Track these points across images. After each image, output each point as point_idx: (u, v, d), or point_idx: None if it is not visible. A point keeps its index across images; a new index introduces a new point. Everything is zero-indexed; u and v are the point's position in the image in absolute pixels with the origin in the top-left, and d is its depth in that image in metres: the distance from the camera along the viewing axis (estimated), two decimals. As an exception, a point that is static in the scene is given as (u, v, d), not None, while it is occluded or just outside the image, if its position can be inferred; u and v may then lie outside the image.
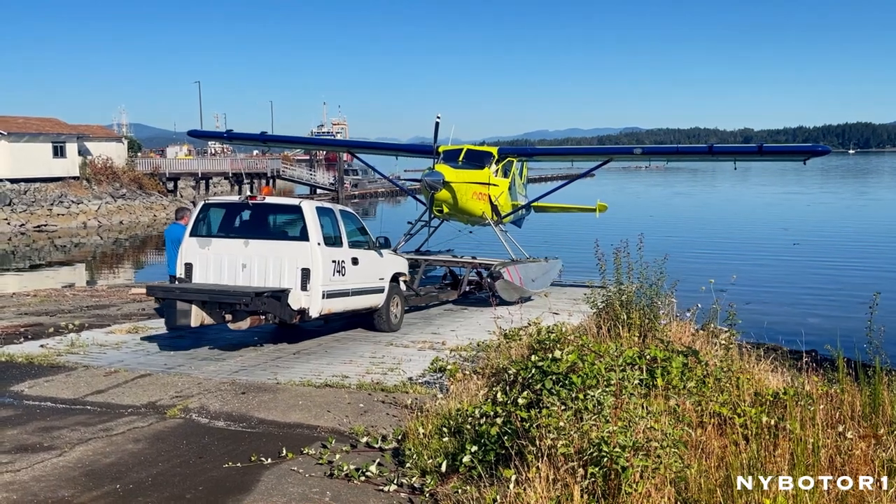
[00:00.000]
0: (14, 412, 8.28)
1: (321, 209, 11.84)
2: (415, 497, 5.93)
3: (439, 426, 6.82)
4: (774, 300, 20.34)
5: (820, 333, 13.56)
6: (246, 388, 9.27)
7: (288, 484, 6.21)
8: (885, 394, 6.73)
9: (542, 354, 6.82)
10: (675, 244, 17.49)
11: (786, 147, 20.17)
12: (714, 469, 5.21)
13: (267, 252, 11.22)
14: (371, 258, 12.64)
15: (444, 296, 17.10)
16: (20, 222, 46.82)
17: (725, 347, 8.97)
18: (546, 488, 4.81)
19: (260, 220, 12.00)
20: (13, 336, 12.63)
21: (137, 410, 8.36)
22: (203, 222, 11.92)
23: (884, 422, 6.41)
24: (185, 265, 11.61)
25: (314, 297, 10.97)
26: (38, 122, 56.63)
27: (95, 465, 6.62)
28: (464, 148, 18.37)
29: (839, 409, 6.83)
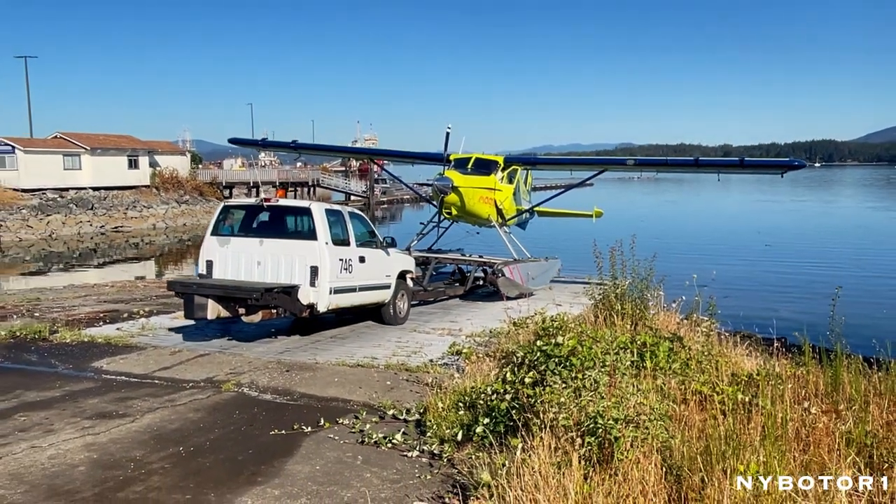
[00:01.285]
0: (95, 384, 8.38)
1: (330, 211, 11.29)
2: (434, 462, 5.93)
3: (456, 401, 6.81)
4: (749, 294, 20.14)
5: (789, 323, 13.42)
6: (289, 366, 9.31)
7: (325, 449, 6.23)
8: (844, 375, 6.70)
9: (546, 340, 6.79)
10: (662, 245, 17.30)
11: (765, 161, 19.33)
12: (695, 439, 5.17)
13: (279, 250, 10.70)
14: (378, 257, 12.07)
15: (450, 291, 16.57)
16: (100, 224, 47.35)
17: (706, 334, 8.91)
18: (548, 455, 4.79)
19: (273, 220, 11.35)
20: (94, 320, 12.78)
21: (197, 384, 8.42)
22: (223, 223, 11.43)
23: (843, 398, 6.38)
24: (206, 262, 11.14)
25: (322, 292, 10.43)
26: (115, 138, 57.24)
27: (162, 431, 6.68)
28: (473, 156, 17.90)
29: (805, 388, 6.79)
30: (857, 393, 6.36)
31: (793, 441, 5.28)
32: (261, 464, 5.85)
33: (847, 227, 45.41)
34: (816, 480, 4.44)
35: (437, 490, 5.35)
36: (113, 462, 5.84)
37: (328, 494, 5.25)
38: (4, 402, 7.57)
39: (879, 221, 51.55)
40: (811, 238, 38.37)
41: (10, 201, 45.88)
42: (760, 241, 36.15)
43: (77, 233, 45.09)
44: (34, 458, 5.90)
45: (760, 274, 25.53)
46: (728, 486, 4.24)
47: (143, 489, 5.31)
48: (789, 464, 4.75)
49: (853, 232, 42.23)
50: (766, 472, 4.41)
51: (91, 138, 54.21)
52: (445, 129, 17.17)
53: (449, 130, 17.10)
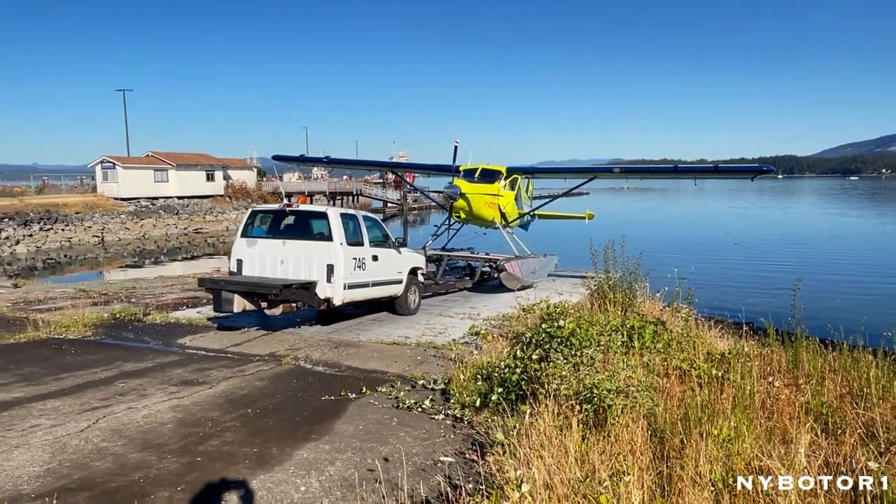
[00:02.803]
0: (179, 357, 8.49)
1: (345, 215, 10.71)
2: (457, 424, 5.92)
3: (474, 374, 6.80)
4: (721, 286, 19.80)
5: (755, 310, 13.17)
6: (337, 343, 9.35)
7: (367, 412, 6.26)
8: (803, 354, 6.58)
9: (550, 323, 6.74)
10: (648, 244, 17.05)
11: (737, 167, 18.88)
12: (676, 407, 5.10)
13: (300, 250, 10.16)
14: (390, 255, 11.41)
15: (460, 284, 16.03)
16: (184, 227, 48.01)
17: (685, 319, 8.79)
18: (552, 419, 4.76)
19: (295, 224, 10.75)
20: (179, 305, 12.95)
21: (262, 358, 8.48)
22: (251, 226, 10.88)
23: (802, 374, 6.26)
24: (236, 261, 10.62)
25: (337, 288, 9.88)
26: (196, 156, 57.97)
27: (234, 395, 6.75)
28: (479, 167, 17.33)
29: (769, 365, 6.68)
30: (815, 369, 6.24)
31: (759, 410, 5.20)
32: (314, 423, 5.89)
33: (805, 228, 44.52)
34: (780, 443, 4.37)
35: (460, 447, 5.34)
36: (194, 421, 5.92)
37: (369, 450, 5.26)
38: (107, 371, 7.71)
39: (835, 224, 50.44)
40: (774, 239, 37.64)
41: (112, 208, 46.74)
42: (729, 241, 35.58)
43: (165, 234, 45.75)
44: (131, 417, 6.00)
45: (731, 269, 25.09)
46: (703, 446, 4.18)
47: (218, 443, 5.37)
48: (756, 428, 4.68)
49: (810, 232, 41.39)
50: (737, 435, 4.34)
51: (176, 156, 54.97)
52: (454, 144, 16.75)
53: (457, 145, 16.61)
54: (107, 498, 4.35)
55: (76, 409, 6.22)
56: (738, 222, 51.84)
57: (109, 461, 4.97)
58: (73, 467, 4.84)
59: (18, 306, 12.61)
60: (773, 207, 75.58)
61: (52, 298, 13.92)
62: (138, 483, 4.59)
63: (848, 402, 5.36)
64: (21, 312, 11.73)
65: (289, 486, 4.57)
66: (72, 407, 6.27)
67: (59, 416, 5.98)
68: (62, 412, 6.11)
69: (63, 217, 41.82)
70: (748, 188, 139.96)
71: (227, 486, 4.54)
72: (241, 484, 4.58)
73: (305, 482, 4.63)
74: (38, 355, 8.46)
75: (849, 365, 6.23)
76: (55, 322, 10.35)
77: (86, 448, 5.22)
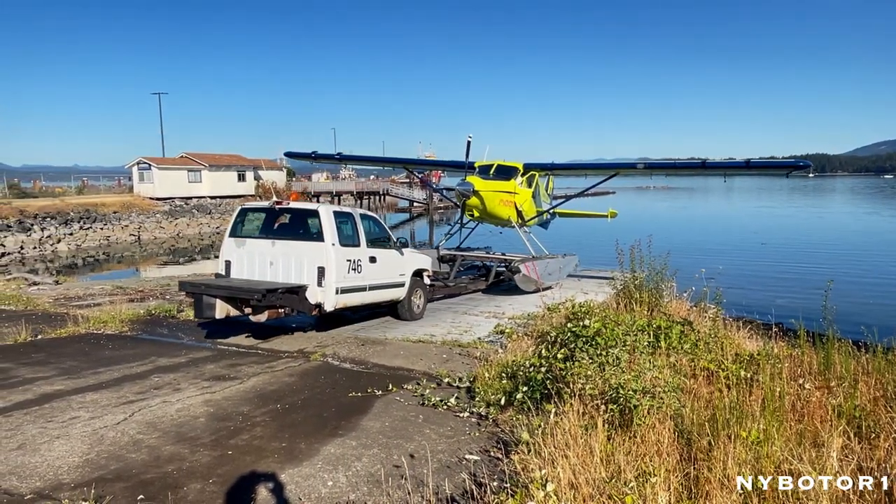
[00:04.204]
0: (212, 353, 8.63)
1: (339, 213, 9.81)
2: (482, 422, 5.89)
3: (499, 372, 6.77)
4: (750, 286, 19.39)
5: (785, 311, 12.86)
6: (364, 341, 9.40)
7: (393, 408, 6.27)
8: (835, 356, 6.37)
9: (575, 322, 6.69)
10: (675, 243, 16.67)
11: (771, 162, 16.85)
12: (703, 409, 5.00)
13: (290, 251, 9.37)
14: (391, 256, 10.56)
15: (472, 286, 15.35)
16: (216, 225, 48.80)
17: (713, 319, 8.62)
18: (577, 418, 4.71)
19: (284, 223, 9.98)
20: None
21: (291, 354, 8.57)
22: (240, 224, 10.06)
23: (834, 376, 6.07)
24: (224, 262, 9.85)
25: (328, 292, 9.10)
26: (227, 157, 58.98)
27: (264, 391, 6.83)
28: (495, 163, 16.45)
29: (800, 367, 6.50)
30: (847, 372, 6.05)
31: (789, 412, 5.06)
32: (341, 419, 5.93)
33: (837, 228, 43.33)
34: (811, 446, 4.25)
35: (484, 445, 5.32)
36: (225, 415, 6.00)
37: (395, 446, 5.28)
38: (143, 365, 7.88)
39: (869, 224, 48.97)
40: (805, 238, 36.73)
41: (148, 208, 47.84)
42: (756, 240, 34.87)
43: (198, 232, 46.62)
44: (165, 411, 6.12)
45: (760, 269, 24.57)
46: (732, 448, 4.09)
47: (248, 437, 5.44)
48: (786, 431, 4.56)
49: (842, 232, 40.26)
50: (766, 438, 4.24)
51: (209, 157, 56.00)
52: (467, 139, 15.73)
53: (470, 139, 15.65)
54: (142, 489, 4.45)
55: (113, 401, 6.37)
56: (767, 222, 50.73)
57: (144, 453, 5.08)
58: (110, 458, 4.96)
59: (59, 302, 12.98)
60: (805, 206, 73.72)
61: (91, 295, 14.29)
62: (172, 475, 4.68)
63: (882, 406, 5.19)
64: (62, 308, 12.07)
65: (316, 480, 4.61)
66: (109, 400, 6.43)
67: (97, 409, 6.13)
68: (100, 405, 6.26)
69: (102, 216, 42.94)
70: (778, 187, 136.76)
71: (257, 480, 4.60)
72: (271, 477, 4.63)
73: (333, 477, 4.67)
74: (78, 349, 8.69)
75: (883, 367, 6.03)
76: (94, 318, 10.62)
77: (122, 440, 5.34)
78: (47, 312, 11.69)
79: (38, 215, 39.20)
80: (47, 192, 51.94)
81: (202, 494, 4.37)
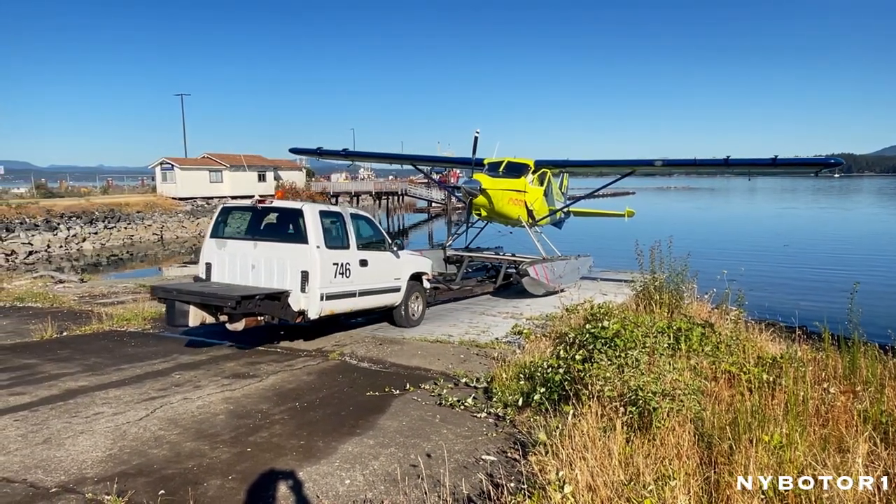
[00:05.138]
0: (231, 351, 8.70)
1: (325, 213, 9.07)
2: (499, 422, 5.88)
3: (517, 373, 6.74)
4: (773, 288, 19.03)
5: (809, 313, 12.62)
6: (382, 340, 9.42)
7: (410, 408, 6.28)
8: (861, 360, 6.23)
9: (594, 323, 6.63)
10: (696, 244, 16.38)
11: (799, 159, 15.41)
12: (724, 412, 4.93)
13: (272, 254, 8.66)
14: (384, 259, 9.83)
15: (479, 289, 14.52)
16: (236, 225, 49.41)
17: (734, 322, 8.48)
18: (595, 420, 4.68)
19: (267, 223, 9.23)
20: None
21: (310, 353, 8.63)
22: (222, 224, 9.36)
23: (860, 381, 5.93)
24: (205, 265, 9.14)
25: (312, 298, 8.36)
26: (248, 158, 59.60)
27: (282, 389, 6.88)
28: (504, 160, 15.54)
29: (824, 371, 6.37)
30: (873, 376, 5.91)
31: (812, 417, 4.96)
32: (359, 418, 5.95)
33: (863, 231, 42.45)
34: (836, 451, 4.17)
35: (502, 446, 5.31)
36: (245, 413, 6.06)
37: (412, 445, 5.28)
38: (165, 363, 7.99)
39: (894, 225, 47.91)
40: (829, 240, 36.05)
41: (170, 207, 48.54)
42: (779, 242, 34.32)
43: (219, 232, 47.13)
44: (186, 407, 6.20)
45: (783, 271, 24.17)
46: (754, 452, 4.03)
47: (267, 435, 5.49)
48: (809, 436, 4.47)
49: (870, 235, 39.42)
50: (789, 443, 4.16)
51: (230, 158, 56.67)
52: (474, 134, 14.75)
53: (477, 135, 14.73)
54: (163, 484, 4.51)
55: (136, 398, 6.47)
56: (790, 223, 49.89)
57: (165, 449, 5.15)
58: (133, 454, 5.04)
59: (84, 300, 13.23)
60: (830, 208, 72.35)
61: (114, 293, 14.55)
62: (192, 471, 4.74)
63: (910, 411, 5.06)
64: (87, 306, 12.30)
65: (334, 478, 4.63)
66: (132, 396, 6.53)
67: (119, 405, 6.23)
68: (123, 401, 6.37)
69: (125, 216, 43.67)
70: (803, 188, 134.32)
71: (276, 477, 4.64)
72: (289, 475, 4.67)
73: (350, 475, 4.69)
74: (102, 346, 8.85)
75: (911, 372, 5.89)
76: (117, 315, 10.81)
77: (144, 436, 5.42)
78: (72, 310, 11.92)
79: (64, 215, 40.00)
80: (73, 191, 53.01)
81: (222, 490, 4.42)
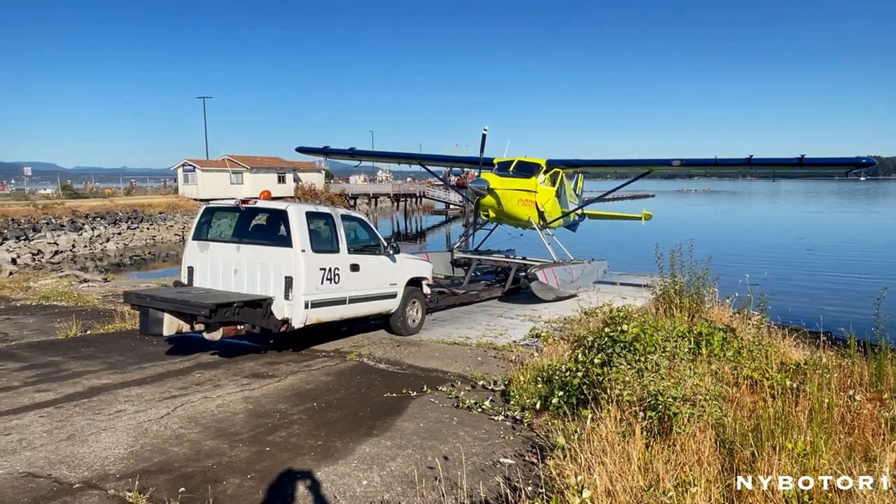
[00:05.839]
0: (251, 351, 8.74)
1: (313, 214, 8.48)
2: (516, 425, 5.86)
3: (535, 376, 6.70)
4: (796, 293, 18.77)
5: (834, 319, 12.38)
6: (399, 342, 9.45)
7: (427, 410, 6.28)
8: (888, 366, 6.07)
9: (613, 327, 6.57)
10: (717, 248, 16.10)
11: (828, 159, 14.21)
12: (746, 418, 4.85)
13: (255, 257, 8.12)
14: (379, 264, 9.26)
15: (486, 294, 13.91)
16: (256, 226, 49.92)
17: (757, 327, 8.36)
18: (614, 425, 4.63)
19: (251, 224, 8.69)
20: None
21: (328, 354, 8.66)
22: (205, 226, 8.82)
23: (887, 388, 5.79)
24: (187, 269, 8.66)
25: (296, 306, 7.81)
26: (268, 160, 60.29)
27: (301, 389, 6.92)
28: (515, 159, 14.95)
29: (850, 378, 6.22)
30: (902, 384, 5.78)
31: (838, 424, 4.86)
32: (376, 419, 5.97)
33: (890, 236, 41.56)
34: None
35: (519, 449, 5.28)
36: (263, 412, 6.11)
37: (430, 447, 5.28)
38: (186, 362, 8.09)
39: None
40: (854, 245, 35.34)
41: (192, 208, 49.19)
42: (802, 246, 33.76)
43: (239, 233, 47.65)
44: (206, 406, 6.27)
45: (806, 275, 23.77)
46: (777, 460, 3.96)
47: (286, 435, 5.53)
48: (834, 444, 4.38)
49: None
50: (813, 451, 4.08)
51: (250, 160, 57.35)
52: (482, 132, 14.09)
53: (485, 132, 14.08)
54: (184, 482, 4.56)
55: (157, 396, 6.56)
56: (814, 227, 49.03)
57: (186, 447, 5.21)
58: (154, 451, 5.11)
59: (108, 299, 13.46)
60: (856, 212, 70.94)
61: (137, 292, 14.74)
62: (212, 469, 4.79)
63: (940, 421, 4.93)
64: (110, 304, 12.52)
65: (351, 479, 4.65)
66: (153, 394, 6.62)
67: (141, 403, 6.32)
68: (144, 399, 6.46)
69: (148, 217, 44.40)
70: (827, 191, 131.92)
71: (294, 477, 4.67)
72: (307, 475, 4.69)
73: (367, 476, 4.70)
74: (125, 345, 8.99)
75: (941, 380, 5.74)
76: (140, 314, 10.95)
77: (165, 434, 5.49)
78: (96, 308, 12.14)
79: (88, 215, 40.79)
80: (98, 192, 54.02)
81: (241, 489, 4.46)
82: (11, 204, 40.73)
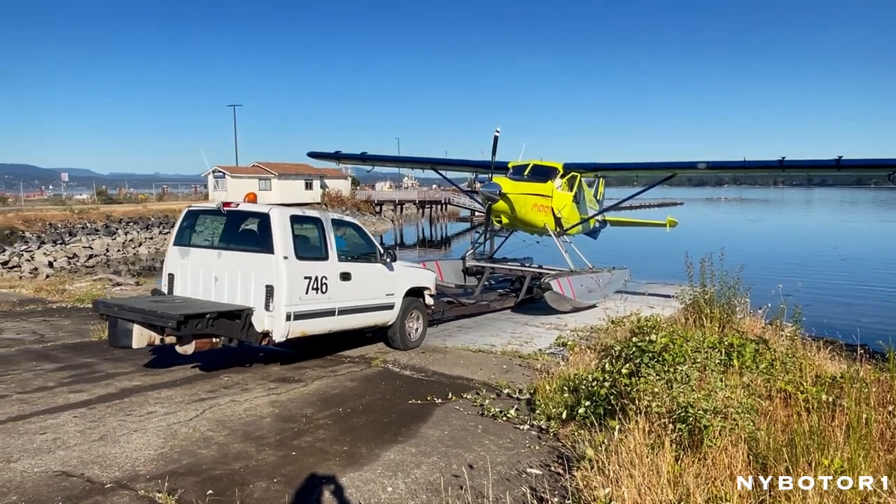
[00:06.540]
0: (277, 355, 8.77)
1: (299, 218, 7.89)
2: (542, 435, 5.80)
3: (561, 385, 6.64)
4: (832, 304, 18.26)
5: (871, 331, 12.00)
6: (424, 349, 9.44)
7: (452, 417, 6.26)
8: (930, 382, 5.86)
9: (641, 337, 6.47)
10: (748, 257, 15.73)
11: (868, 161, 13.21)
12: (780, 433, 4.72)
13: (236, 264, 7.58)
14: (373, 272, 8.63)
15: (497, 304, 13.27)
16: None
17: (790, 338, 8.15)
18: (643, 437, 4.55)
19: (233, 229, 8.09)
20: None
21: (353, 360, 8.69)
22: (187, 230, 8.29)
23: (929, 404, 5.58)
24: (168, 276, 8.19)
25: (277, 318, 7.24)
26: (295, 167, 61.05)
27: (326, 394, 6.96)
28: (530, 163, 14.38)
29: (889, 392, 6.00)
30: (944, 400, 5.57)
31: (877, 441, 4.70)
32: (401, 426, 5.97)
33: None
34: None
35: (545, 459, 5.23)
36: (290, 416, 6.16)
37: (454, 455, 5.26)
38: (214, 365, 8.20)
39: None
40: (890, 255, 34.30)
41: (221, 214, 50.15)
42: (836, 255, 32.90)
43: (267, 238, 48.27)
44: (234, 410, 6.34)
45: (841, 286, 23.13)
46: (812, 476, 3.84)
47: (311, 439, 5.56)
48: (873, 461, 4.24)
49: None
50: (850, 468, 3.95)
51: (278, 166, 58.16)
52: (494, 134, 13.45)
53: (497, 134, 13.40)
54: (211, 484, 4.62)
55: (186, 398, 6.67)
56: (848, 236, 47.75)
57: (214, 450, 5.27)
58: (183, 453, 5.19)
59: (140, 302, 13.72)
60: (893, 221, 68.85)
61: (167, 296, 15.03)
62: (239, 472, 4.84)
63: None
64: (142, 308, 12.75)
65: (376, 485, 4.65)
66: (182, 397, 6.73)
67: (171, 405, 6.43)
68: (174, 401, 6.57)
69: (179, 222, 45.28)
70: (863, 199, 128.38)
71: (319, 482, 4.69)
72: (332, 480, 4.71)
73: (392, 483, 4.70)
74: (155, 348, 9.14)
75: None
76: (170, 318, 11.14)
77: (193, 436, 5.58)
78: (128, 312, 12.38)
79: (122, 220, 41.80)
80: (131, 198, 55.49)
81: (267, 493, 4.50)
82: (49, 209, 41.99)
